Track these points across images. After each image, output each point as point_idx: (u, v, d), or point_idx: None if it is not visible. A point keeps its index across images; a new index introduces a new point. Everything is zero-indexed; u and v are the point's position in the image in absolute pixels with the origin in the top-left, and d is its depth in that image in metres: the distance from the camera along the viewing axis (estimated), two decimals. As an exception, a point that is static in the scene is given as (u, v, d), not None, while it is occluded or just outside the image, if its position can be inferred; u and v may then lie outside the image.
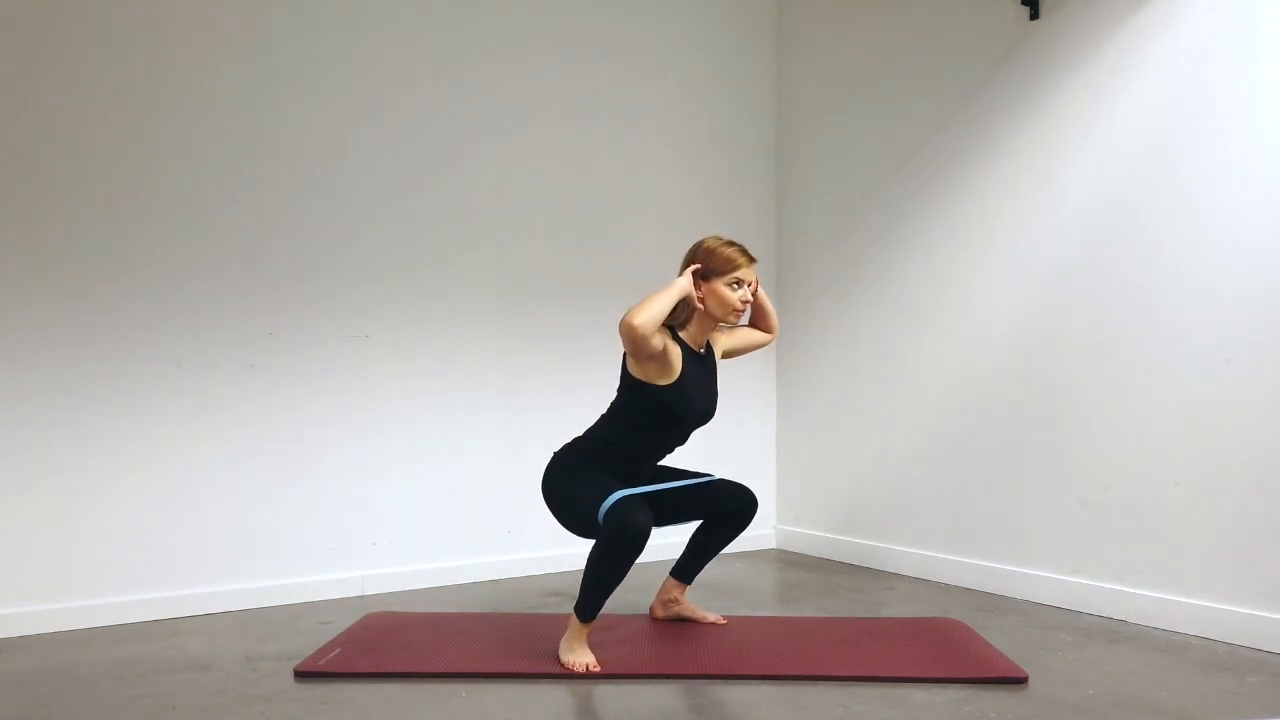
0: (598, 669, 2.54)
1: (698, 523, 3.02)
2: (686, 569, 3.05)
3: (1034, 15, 3.39)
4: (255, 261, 3.36)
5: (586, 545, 2.65)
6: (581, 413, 2.96)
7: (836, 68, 4.22)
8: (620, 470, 2.75)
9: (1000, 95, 3.51)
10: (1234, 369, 2.84)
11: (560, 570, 3.80)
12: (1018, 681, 2.46)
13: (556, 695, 2.42)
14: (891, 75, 3.94)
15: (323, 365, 3.47)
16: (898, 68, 3.92)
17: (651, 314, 2.50)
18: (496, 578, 3.75)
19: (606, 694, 2.43)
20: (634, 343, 2.51)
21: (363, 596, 3.48)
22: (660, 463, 2.94)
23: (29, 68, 3.05)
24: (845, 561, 4.06)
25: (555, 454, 2.81)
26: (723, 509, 2.95)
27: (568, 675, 2.53)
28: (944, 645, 2.75)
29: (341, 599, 3.43)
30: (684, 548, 3.07)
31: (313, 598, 3.40)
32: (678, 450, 2.89)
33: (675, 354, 2.65)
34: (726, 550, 4.19)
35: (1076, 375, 3.24)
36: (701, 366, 2.79)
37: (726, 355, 2.97)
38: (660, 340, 2.57)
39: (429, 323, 3.67)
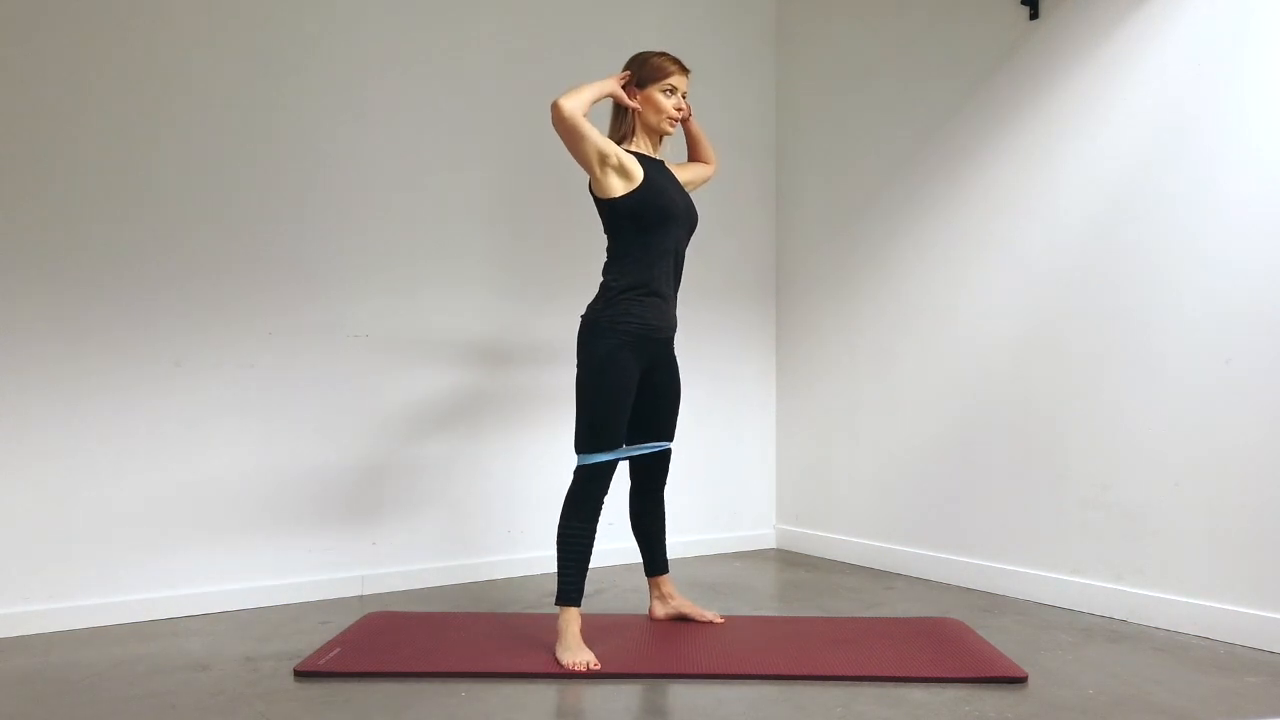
0: (598, 666, 2.54)
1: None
2: (652, 559, 3.07)
3: (1034, 15, 3.39)
4: (255, 261, 3.36)
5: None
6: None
7: (836, 68, 4.22)
8: (644, 302, 2.75)
9: (1000, 95, 3.51)
10: (1234, 369, 2.84)
11: (560, 570, 3.79)
12: (1017, 681, 2.46)
13: (555, 695, 2.42)
14: (891, 75, 3.94)
15: (323, 365, 3.47)
16: (897, 68, 3.92)
17: (576, 97, 2.64)
18: (496, 578, 3.75)
19: (606, 694, 2.43)
20: (563, 126, 2.63)
21: (363, 596, 3.48)
22: (666, 406, 2.95)
23: (28, 67, 3.05)
24: (845, 561, 4.06)
25: (585, 316, 2.82)
26: (651, 473, 2.99)
27: (568, 675, 2.53)
28: (944, 645, 2.75)
29: (341, 599, 3.43)
30: (637, 547, 3.08)
31: (313, 598, 3.40)
32: (674, 456, 2.89)
33: (630, 159, 2.74)
34: (726, 550, 4.24)
35: (1077, 374, 3.24)
36: (663, 172, 2.86)
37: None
38: (606, 143, 2.67)
39: (429, 323, 3.67)
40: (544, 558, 3.82)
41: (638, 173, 2.74)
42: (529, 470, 3.82)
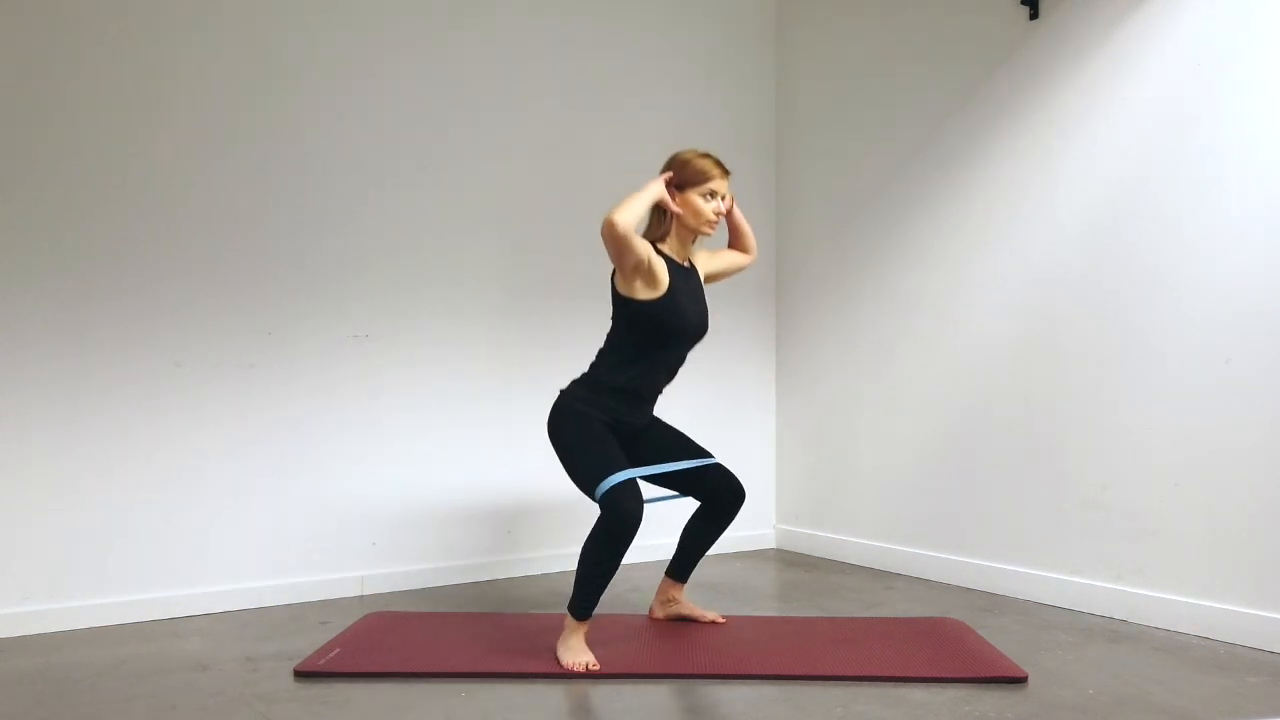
0: (597, 668, 2.54)
1: (688, 500, 3.02)
2: (681, 567, 3.05)
3: (1034, 15, 3.39)
4: (255, 261, 3.36)
5: (586, 545, 2.66)
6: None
7: (836, 68, 4.22)
8: (624, 401, 2.75)
9: (1000, 95, 3.51)
10: (1234, 369, 2.84)
11: (560, 570, 3.80)
12: (1018, 681, 2.46)
13: (556, 695, 2.42)
14: (891, 75, 3.94)
15: (323, 365, 3.47)
16: (897, 68, 3.92)
17: (629, 211, 2.56)
18: (496, 578, 3.75)
19: (606, 694, 2.43)
20: (615, 241, 2.56)
21: (363, 596, 3.48)
22: (667, 422, 2.95)
23: (28, 67, 3.05)
24: (845, 561, 4.06)
25: (562, 392, 2.81)
26: (716, 493, 2.95)
27: (568, 675, 2.53)
28: (944, 645, 2.75)
29: (341, 599, 3.43)
30: (675, 547, 3.06)
31: (313, 598, 3.40)
32: (677, 451, 2.89)
33: (661, 266, 2.69)
34: (727, 550, 4.23)
35: (1076, 375, 3.24)
36: (688, 280, 2.82)
37: (710, 278, 2.99)
38: (644, 249, 2.61)
39: (429, 322, 3.67)
40: (543, 558, 3.83)
41: (663, 284, 2.68)
42: (529, 470, 3.82)
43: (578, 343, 3.91)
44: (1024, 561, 3.39)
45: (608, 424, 2.75)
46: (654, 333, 2.73)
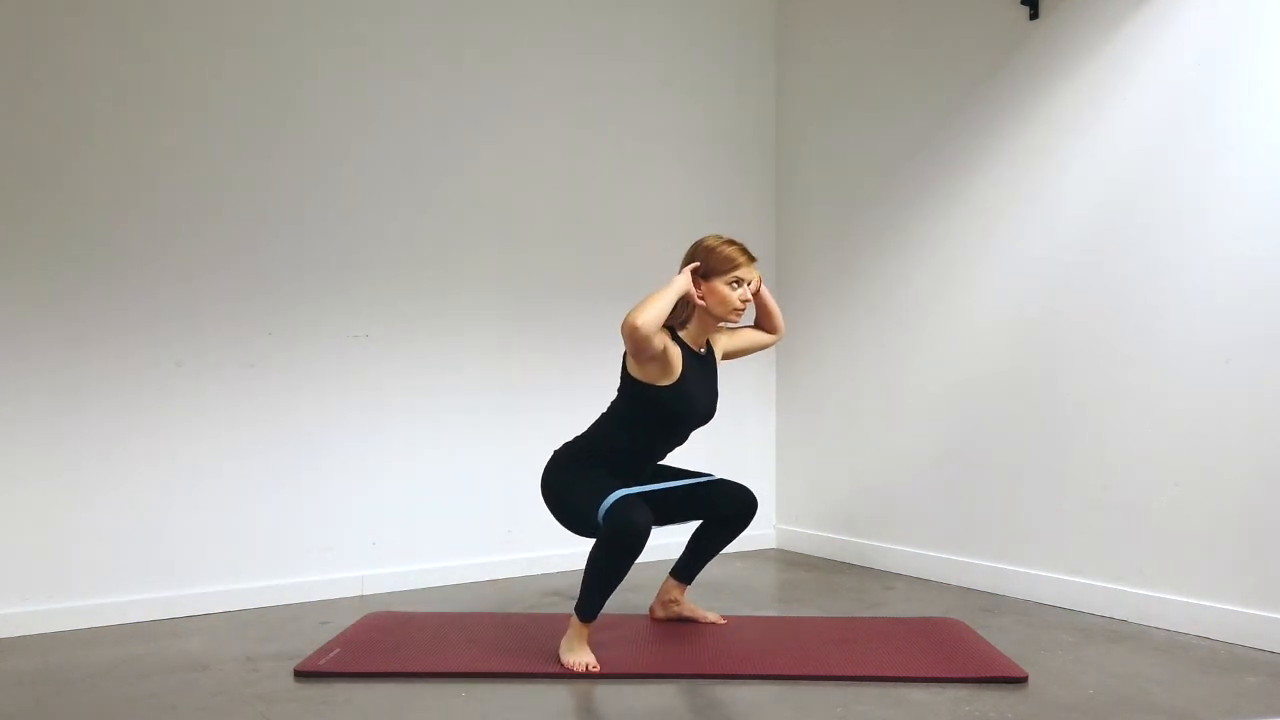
0: (598, 669, 2.54)
1: (697, 522, 3.02)
2: (686, 569, 3.05)
3: (1034, 15, 3.39)
4: (255, 261, 3.36)
5: (587, 545, 2.65)
6: (582, 413, 2.96)
7: (836, 68, 4.22)
8: (619, 470, 2.75)
9: (1000, 95, 3.51)
10: (1234, 369, 2.84)
11: (560, 570, 3.80)
12: (1018, 681, 2.46)
13: (556, 695, 2.42)
14: (891, 75, 3.94)
15: (323, 365, 3.47)
16: (897, 68, 3.92)
17: (653, 314, 2.49)
18: (496, 578, 3.75)
19: (606, 694, 2.43)
20: (636, 343, 2.51)
21: (363, 596, 3.48)
22: (660, 462, 2.94)
23: (29, 67, 3.05)
24: (845, 561, 4.06)
25: (554, 453, 2.81)
26: (721, 510, 2.94)
27: (568, 675, 2.53)
28: (944, 645, 2.75)
29: (341, 599, 3.43)
30: (684, 548, 3.06)
31: (313, 598, 3.40)
32: (678, 450, 2.89)
33: (675, 354, 2.65)
34: (726, 550, 4.20)
35: (1076, 375, 3.24)
36: (701, 367, 2.78)
37: (728, 356, 2.96)
38: (661, 341, 2.56)
39: (429, 322, 3.67)
40: (544, 558, 3.83)
41: (676, 371, 2.65)
42: (529, 470, 3.81)
43: (578, 342, 3.93)
44: (1024, 561, 3.39)
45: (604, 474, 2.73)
46: (657, 416, 2.71)
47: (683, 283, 2.65)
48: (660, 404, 2.67)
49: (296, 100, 3.44)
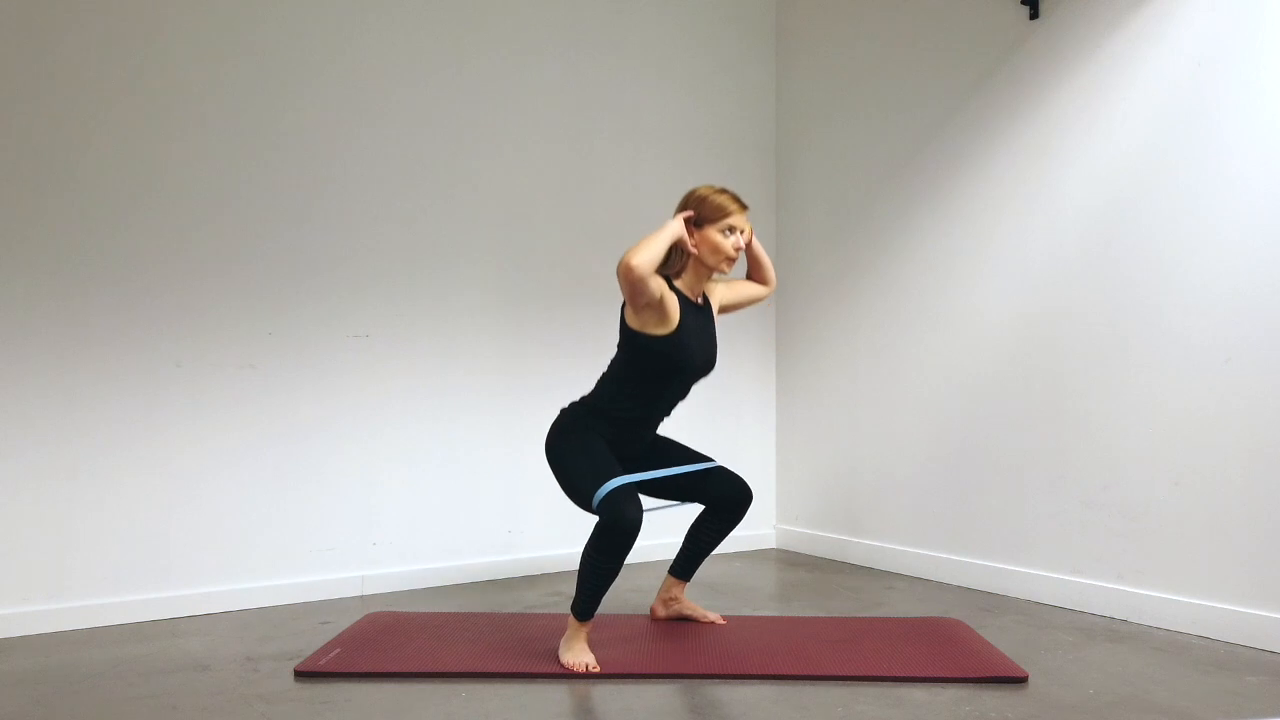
0: (598, 669, 2.54)
1: (691, 505, 3.02)
2: (684, 566, 3.05)
3: (1034, 15, 3.39)
4: (255, 261, 3.36)
5: (586, 545, 2.66)
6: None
7: (836, 68, 4.22)
8: (623, 428, 2.75)
9: (1000, 95, 3.51)
10: (1234, 369, 2.84)
11: (560, 570, 3.80)
12: (1018, 681, 2.46)
13: (556, 695, 2.42)
14: (891, 75, 3.94)
15: (323, 365, 3.47)
16: (897, 68, 3.92)
17: (648, 255, 2.51)
18: (496, 578, 3.75)
19: (606, 694, 2.43)
20: (632, 284, 2.53)
21: (363, 596, 3.48)
22: (666, 436, 2.94)
23: (28, 67, 3.05)
24: (845, 561, 4.06)
25: (561, 411, 2.81)
26: (720, 497, 2.95)
27: (568, 675, 2.53)
28: (944, 645, 2.75)
29: (341, 599, 3.43)
30: (680, 545, 3.06)
31: (313, 598, 3.40)
32: (680, 444, 2.89)
33: (673, 303, 2.66)
34: (727, 550, 4.23)
35: (1076, 375, 3.24)
36: (699, 317, 2.80)
37: (724, 309, 2.98)
38: (658, 287, 2.59)
39: (429, 323, 3.67)
40: (544, 558, 3.83)
41: (674, 320, 2.66)
42: (529, 470, 3.82)
43: (579, 342, 3.93)
44: (1024, 561, 3.39)
45: (607, 441, 2.74)
46: (658, 367, 2.71)
47: (676, 226, 2.66)
48: (660, 354, 2.68)
49: (297, 101, 3.44)
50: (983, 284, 3.57)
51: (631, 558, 3.81)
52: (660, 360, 2.69)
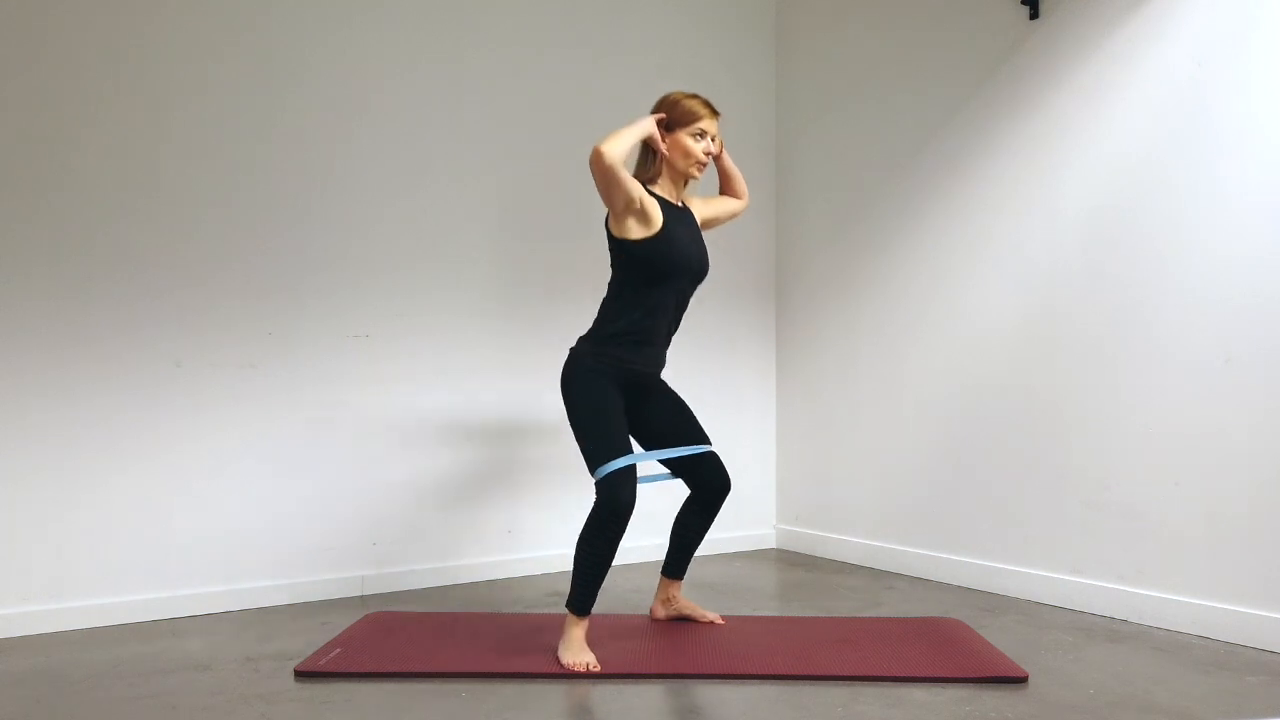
0: (598, 668, 2.54)
1: (677, 495, 3.03)
2: (675, 564, 3.06)
3: (1034, 15, 3.39)
4: (255, 261, 3.36)
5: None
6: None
7: (836, 68, 4.22)
8: (632, 350, 2.73)
9: (1000, 95, 3.51)
10: (1234, 369, 2.84)
11: (561, 571, 3.79)
12: (1018, 681, 2.46)
13: (556, 695, 2.42)
14: (891, 75, 3.94)
15: (323, 365, 3.47)
16: (897, 67, 3.92)
17: (617, 143, 2.55)
18: (496, 578, 3.75)
19: (606, 694, 2.43)
20: (603, 172, 2.55)
21: (363, 596, 3.48)
22: (680, 398, 2.94)
23: (27, 66, 3.05)
24: (845, 561, 4.06)
25: (572, 350, 2.80)
26: (706, 483, 2.95)
27: (568, 675, 2.53)
28: (944, 645, 2.75)
29: (342, 599, 3.43)
30: (667, 545, 3.06)
31: (313, 598, 3.40)
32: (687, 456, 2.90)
33: (653, 205, 2.69)
34: (727, 550, 4.24)
35: (1076, 374, 3.24)
36: (683, 219, 2.81)
37: (706, 224, 2.98)
38: (636, 189, 2.62)
39: (429, 323, 3.67)
40: (544, 558, 3.83)
41: (657, 220, 2.68)
42: (529, 470, 3.83)
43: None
44: (1024, 561, 3.39)
45: (618, 382, 2.73)
46: (652, 272, 2.71)
47: (647, 123, 2.70)
48: (651, 258, 2.68)
49: (297, 101, 3.44)
50: (983, 284, 3.57)
51: (631, 558, 3.83)
52: (652, 263, 2.70)
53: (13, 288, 3.02)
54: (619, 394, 2.74)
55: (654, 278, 2.72)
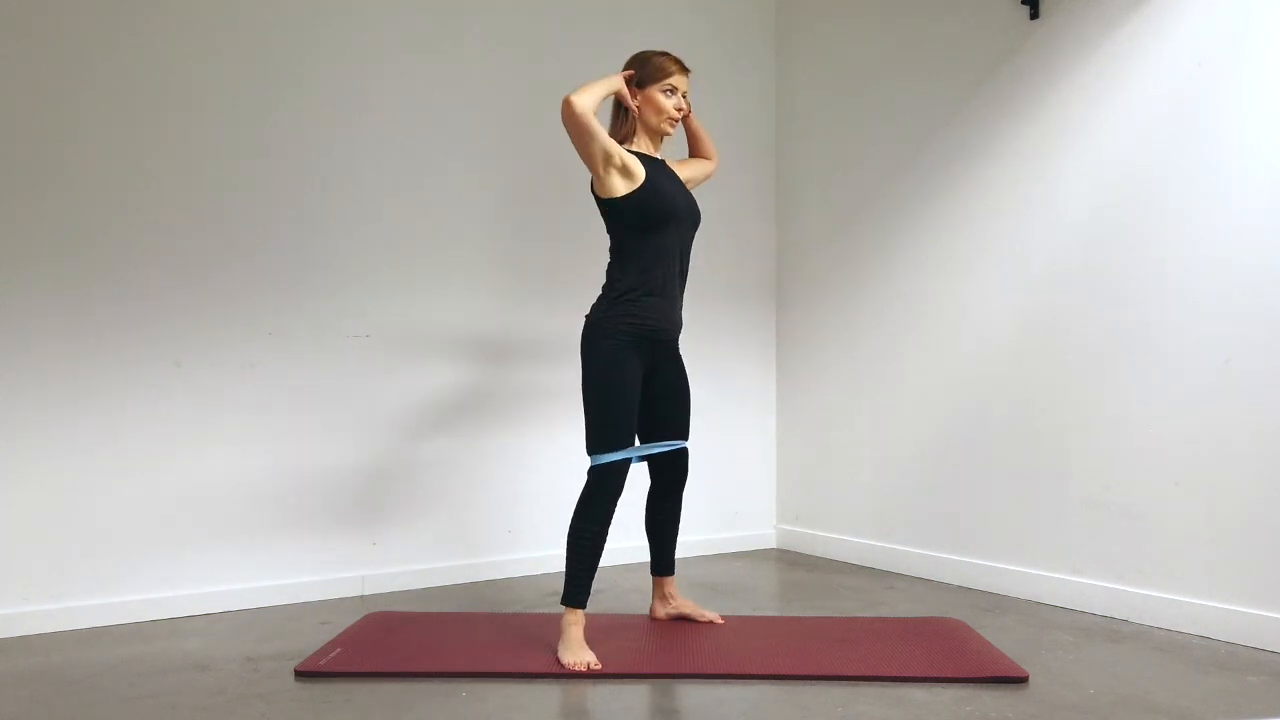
0: (599, 667, 2.54)
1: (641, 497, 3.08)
2: (659, 558, 3.07)
3: (1034, 15, 3.39)
4: (255, 261, 3.36)
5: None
6: (582, 414, 2.95)
7: (836, 68, 4.22)
8: (646, 310, 2.75)
9: (1000, 95, 3.51)
10: (1234, 369, 2.84)
11: (560, 570, 3.78)
12: (1018, 681, 2.46)
13: (556, 695, 2.42)
14: (891, 75, 3.94)
15: (323, 365, 3.47)
16: (897, 67, 3.92)
17: (587, 93, 2.64)
18: (496, 578, 3.75)
19: (606, 694, 2.43)
20: (574, 122, 2.61)
21: (363, 596, 3.48)
22: (686, 385, 2.96)
23: (27, 65, 3.05)
24: (845, 561, 4.06)
25: (588, 319, 2.83)
26: (668, 469, 2.98)
27: (568, 675, 2.53)
28: (944, 645, 2.75)
29: (341, 599, 3.43)
30: (648, 546, 3.08)
31: (313, 598, 3.40)
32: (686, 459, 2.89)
33: (633, 160, 2.73)
34: (727, 550, 4.24)
35: (1076, 374, 3.24)
36: (664, 172, 2.85)
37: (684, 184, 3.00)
38: (611, 144, 2.66)
39: (429, 323, 3.67)
40: (544, 558, 3.83)
41: (639, 173, 2.73)
42: (529, 470, 3.83)
43: (578, 344, 3.91)
44: (1024, 561, 3.39)
45: (638, 348, 2.75)
46: (647, 220, 2.74)
47: (616, 79, 2.76)
48: (642, 208, 2.72)
49: (295, 98, 3.44)
50: (983, 283, 3.56)
51: (631, 557, 3.83)
52: (645, 212, 2.73)
53: (13, 288, 3.02)
54: (639, 363, 2.76)
55: (650, 225, 2.75)
